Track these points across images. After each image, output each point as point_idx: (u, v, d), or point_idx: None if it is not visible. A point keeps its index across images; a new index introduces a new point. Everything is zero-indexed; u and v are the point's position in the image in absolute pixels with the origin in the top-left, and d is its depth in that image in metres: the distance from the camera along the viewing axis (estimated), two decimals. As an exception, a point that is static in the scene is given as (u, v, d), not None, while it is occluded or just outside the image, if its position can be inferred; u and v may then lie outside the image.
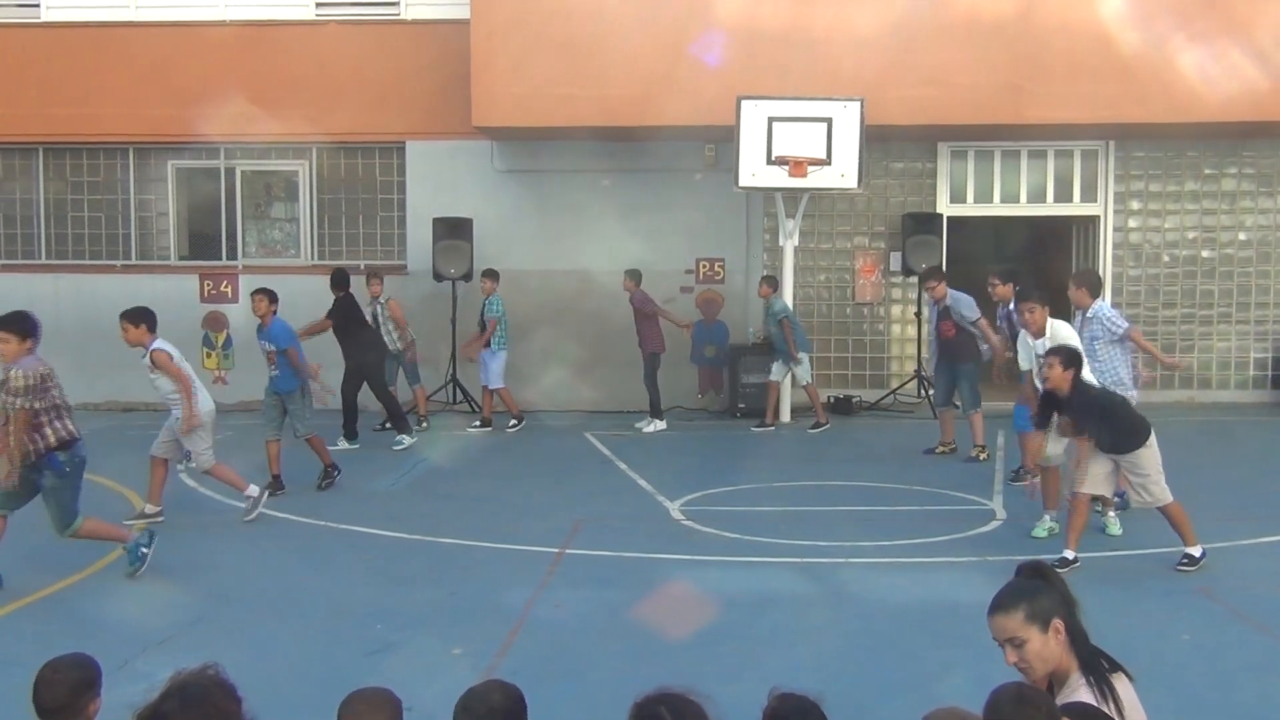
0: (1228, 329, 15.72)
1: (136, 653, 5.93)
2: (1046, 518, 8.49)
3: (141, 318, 8.79)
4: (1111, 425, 7.46)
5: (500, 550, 8.27)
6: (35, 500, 7.35)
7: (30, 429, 7.03)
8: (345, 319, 12.61)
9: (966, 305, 11.83)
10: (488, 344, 13.78)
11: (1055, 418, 7.71)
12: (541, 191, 15.62)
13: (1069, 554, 7.45)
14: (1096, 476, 7.58)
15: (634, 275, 13.90)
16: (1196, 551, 7.48)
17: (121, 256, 16.27)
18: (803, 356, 13.62)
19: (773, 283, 13.88)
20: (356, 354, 12.62)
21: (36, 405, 7.01)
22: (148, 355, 8.72)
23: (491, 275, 13.91)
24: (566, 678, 5.65)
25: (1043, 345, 8.32)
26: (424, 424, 13.73)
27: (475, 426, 13.80)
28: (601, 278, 15.49)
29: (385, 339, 13.53)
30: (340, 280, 12.77)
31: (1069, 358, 7.50)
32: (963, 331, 11.79)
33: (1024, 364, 8.88)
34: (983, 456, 11.50)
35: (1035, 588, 3.27)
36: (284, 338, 10.20)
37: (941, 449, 11.96)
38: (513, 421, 13.84)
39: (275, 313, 10.34)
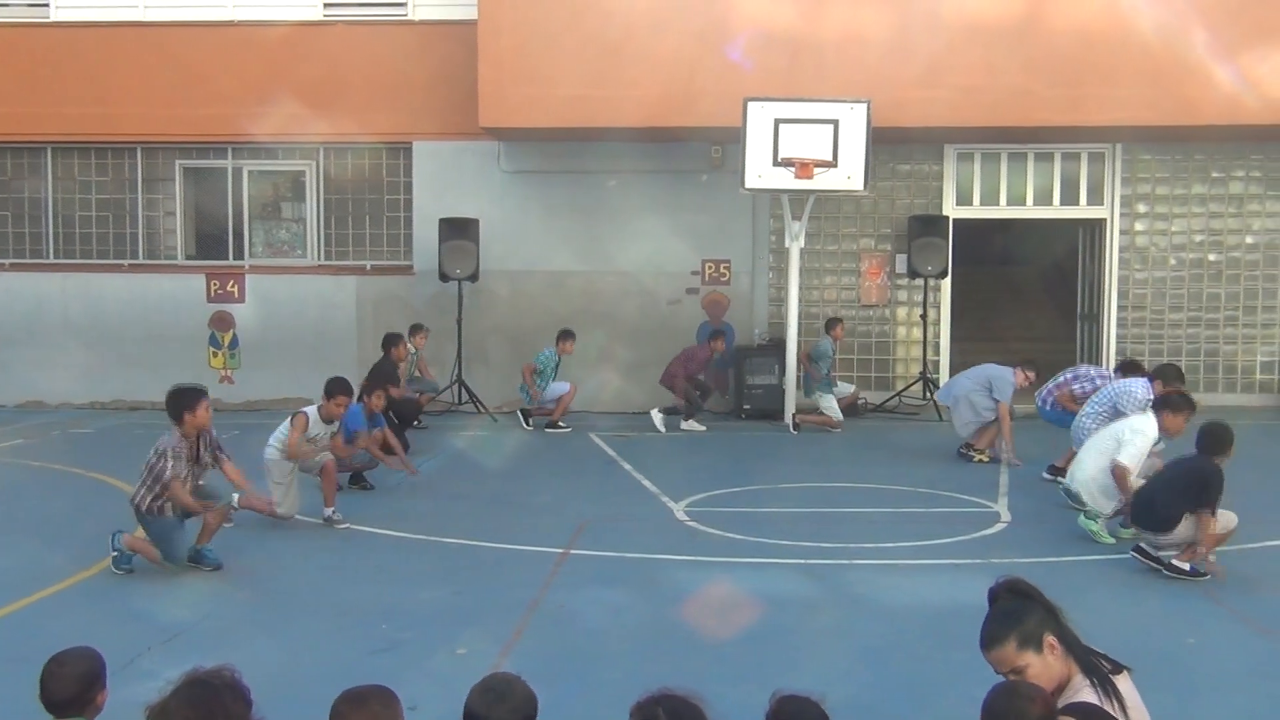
0: (1234, 332, 15.71)
1: (142, 650, 5.95)
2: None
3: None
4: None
5: (505, 550, 8.28)
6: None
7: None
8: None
9: (999, 385, 11.49)
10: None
11: None
12: (548, 192, 15.65)
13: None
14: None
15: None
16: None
17: (129, 256, 16.33)
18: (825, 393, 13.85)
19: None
20: None
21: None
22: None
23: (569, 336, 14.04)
24: (570, 678, 5.66)
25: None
26: (417, 422, 13.76)
27: (556, 429, 13.82)
28: (608, 279, 15.53)
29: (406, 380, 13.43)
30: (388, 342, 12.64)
31: None
32: None
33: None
34: (981, 459, 11.54)
35: (1018, 611, 3.26)
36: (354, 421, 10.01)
37: (979, 455, 11.74)
38: (531, 423, 13.97)
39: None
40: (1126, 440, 8.22)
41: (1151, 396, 9.16)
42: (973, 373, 11.86)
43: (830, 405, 13.84)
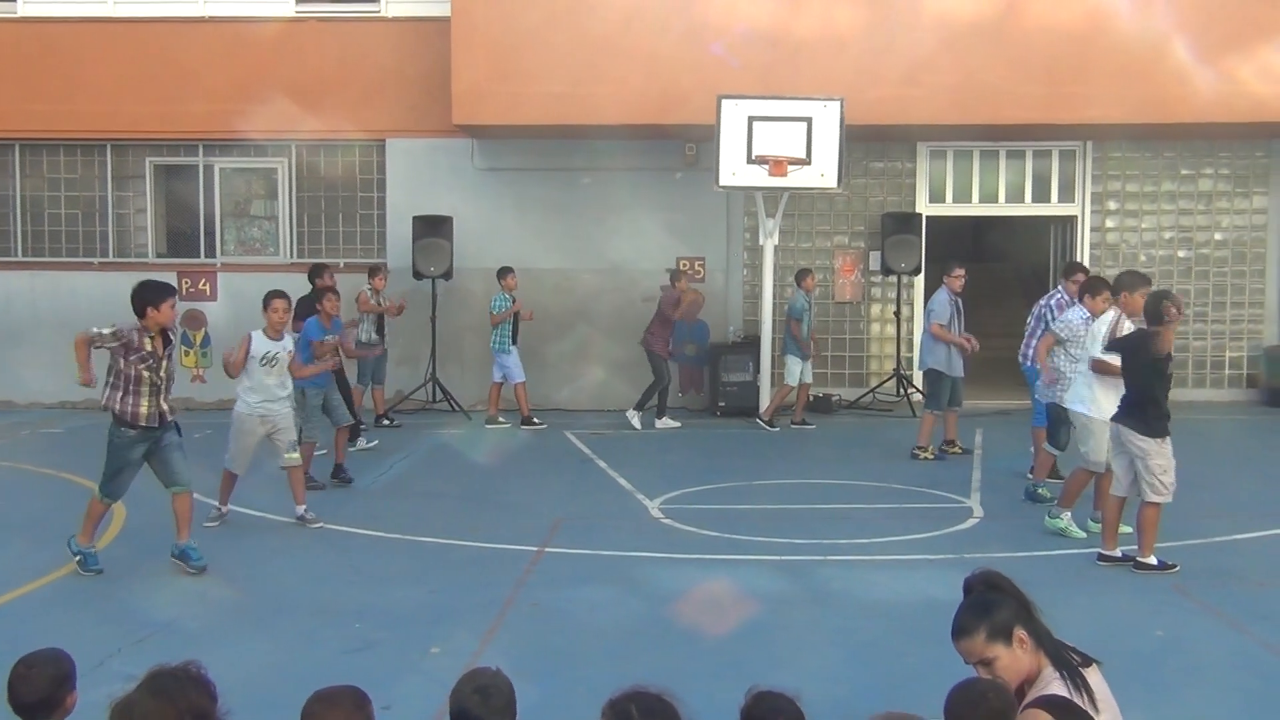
0: (1204, 329, 15.84)
1: (113, 651, 5.92)
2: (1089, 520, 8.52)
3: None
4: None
5: (479, 549, 8.26)
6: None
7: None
8: None
9: (928, 311, 11.77)
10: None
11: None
12: (522, 190, 15.61)
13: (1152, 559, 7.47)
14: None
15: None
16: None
17: (99, 254, 16.16)
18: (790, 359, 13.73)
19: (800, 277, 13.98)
20: None
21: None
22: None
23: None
24: (545, 675, 5.66)
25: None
26: (390, 420, 13.84)
27: (532, 425, 13.76)
28: (582, 276, 15.52)
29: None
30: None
31: None
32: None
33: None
34: (926, 457, 11.55)
35: (989, 603, 3.29)
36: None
37: (956, 449, 11.81)
38: (502, 419, 13.92)
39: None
40: (1086, 343, 8.36)
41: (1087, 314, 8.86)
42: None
43: (793, 372, 13.74)
